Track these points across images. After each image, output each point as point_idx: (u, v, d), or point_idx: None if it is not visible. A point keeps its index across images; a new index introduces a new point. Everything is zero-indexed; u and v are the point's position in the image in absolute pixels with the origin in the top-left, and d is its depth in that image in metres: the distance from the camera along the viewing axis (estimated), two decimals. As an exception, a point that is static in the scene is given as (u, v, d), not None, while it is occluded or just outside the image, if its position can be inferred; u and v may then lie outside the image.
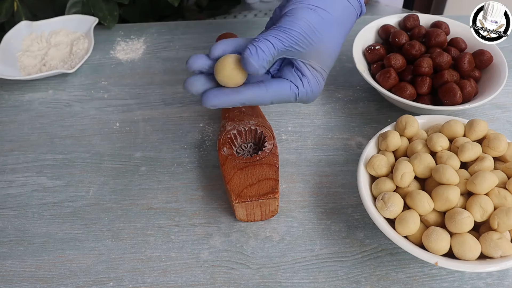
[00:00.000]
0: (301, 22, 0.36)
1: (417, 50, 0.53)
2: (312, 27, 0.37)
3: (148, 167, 0.51)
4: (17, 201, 0.48)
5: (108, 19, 0.68)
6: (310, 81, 0.39)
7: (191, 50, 0.66)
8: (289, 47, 0.36)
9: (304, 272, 0.42)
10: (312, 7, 0.37)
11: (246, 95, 0.37)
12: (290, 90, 0.39)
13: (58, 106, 0.59)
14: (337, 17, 0.38)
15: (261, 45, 0.35)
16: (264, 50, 0.35)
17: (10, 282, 0.42)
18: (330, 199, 0.47)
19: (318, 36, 0.37)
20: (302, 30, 0.36)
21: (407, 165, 0.40)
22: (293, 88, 0.39)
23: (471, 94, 0.51)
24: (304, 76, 0.39)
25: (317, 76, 0.39)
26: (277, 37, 0.36)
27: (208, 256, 0.43)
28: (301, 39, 0.36)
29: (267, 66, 0.36)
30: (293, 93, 0.39)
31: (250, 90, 0.37)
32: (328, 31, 0.38)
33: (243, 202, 0.41)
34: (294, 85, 0.39)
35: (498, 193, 0.38)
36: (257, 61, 0.35)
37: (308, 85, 0.39)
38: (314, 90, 0.40)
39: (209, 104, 0.36)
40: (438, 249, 0.36)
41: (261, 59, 0.35)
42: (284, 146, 0.52)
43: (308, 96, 0.40)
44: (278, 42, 0.36)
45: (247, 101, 0.37)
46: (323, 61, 0.39)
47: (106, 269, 0.42)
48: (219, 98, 0.36)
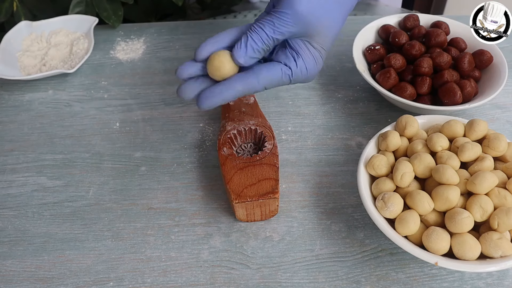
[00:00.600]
0: (298, 3, 0.36)
1: (417, 50, 0.53)
2: (310, 7, 0.36)
3: (148, 167, 0.51)
4: (17, 201, 0.48)
5: (112, 18, 0.68)
6: (305, 60, 0.38)
7: (191, 50, 0.66)
8: (286, 32, 0.36)
9: (304, 272, 0.42)
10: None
11: (237, 88, 0.37)
12: (282, 72, 0.38)
13: (58, 106, 0.59)
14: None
15: (254, 36, 0.36)
16: (257, 40, 0.35)
17: (10, 282, 0.42)
18: (330, 199, 0.47)
19: (317, 15, 0.37)
20: (298, 12, 0.36)
21: (407, 165, 0.40)
22: (285, 70, 0.38)
23: (471, 94, 0.51)
24: (298, 55, 0.38)
25: (315, 54, 0.39)
26: (270, 24, 0.36)
27: (208, 256, 0.43)
28: (298, 21, 0.36)
29: (260, 55, 0.36)
30: (286, 75, 0.38)
31: (240, 83, 0.37)
32: (327, 9, 0.37)
33: (243, 202, 0.41)
34: (286, 66, 0.38)
35: (498, 193, 0.38)
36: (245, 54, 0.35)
37: (303, 64, 0.38)
38: (310, 69, 0.39)
39: (203, 106, 0.37)
40: (438, 249, 0.36)
41: (249, 51, 0.35)
42: (284, 146, 0.52)
43: (304, 76, 0.39)
44: (272, 29, 0.36)
45: (241, 94, 0.37)
46: (322, 39, 0.38)
47: (106, 269, 0.42)
48: (212, 99, 0.37)
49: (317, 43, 0.38)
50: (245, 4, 0.95)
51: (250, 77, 0.37)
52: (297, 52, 0.38)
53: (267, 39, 0.36)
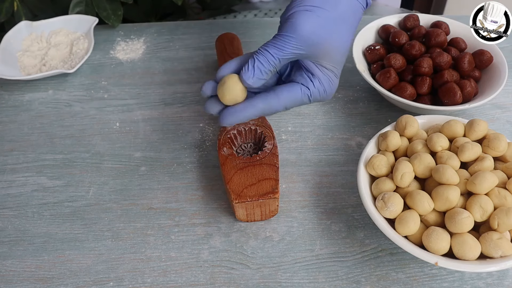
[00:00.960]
0: (300, 26, 0.36)
1: (417, 50, 0.53)
2: (312, 28, 0.36)
3: (148, 167, 0.51)
4: (17, 201, 0.48)
5: (112, 18, 0.68)
6: (321, 80, 0.39)
7: (191, 50, 0.66)
8: (290, 53, 0.37)
9: (304, 272, 0.42)
10: (310, 8, 0.37)
11: (258, 107, 0.38)
12: (302, 93, 0.39)
13: (58, 106, 0.59)
14: (340, 13, 0.38)
15: (261, 58, 0.36)
16: (263, 62, 0.36)
17: (10, 282, 0.42)
18: (330, 199, 0.47)
19: (322, 35, 0.37)
20: (301, 34, 0.36)
21: (407, 165, 0.40)
22: (304, 90, 0.39)
23: (471, 94, 0.51)
24: (314, 76, 0.39)
25: (329, 74, 0.40)
26: (276, 46, 0.36)
27: (208, 256, 0.43)
28: (302, 43, 0.36)
29: (267, 77, 0.37)
30: (305, 95, 0.39)
31: (261, 101, 0.38)
32: (332, 29, 0.37)
33: (243, 202, 0.41)
34: (304, 87, 0.39)
35: (498, 193, 0.38)
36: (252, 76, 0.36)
37: (320, 84, 0.39)
38: (327, 88, 0.40)
39: (226, 123, 0.38)
40: (438, 249, 0.36)
41: (257, 73, 0.36)
42: (284, 146, 0.52)
43: (322, 95, 0.40)
44: (277, 51, 0.36)
45: (262, 112, 0.39)
46: (332, 59, 0.39)
47: (106, 269, 0.42)
48: (233, 117, 0.38)
49: (328, 63, 0.39)
50: (245, 4, 0.95)
51: (271, 97, 0.38)
52: (312, 73, 0.39)
53: (273, 60, 0.37)
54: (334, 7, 0.38)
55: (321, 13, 0.37)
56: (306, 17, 0.37)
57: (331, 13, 0.37)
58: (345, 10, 0.38)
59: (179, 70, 0.63)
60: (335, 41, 0.38)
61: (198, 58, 0.65)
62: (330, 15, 0.37)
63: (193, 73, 0.63)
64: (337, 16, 0.38)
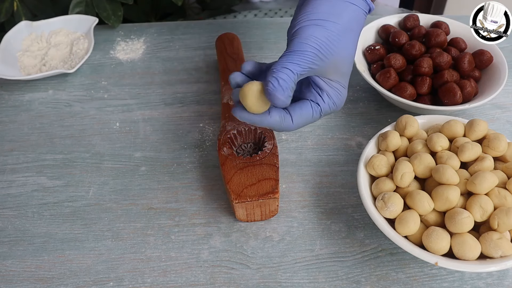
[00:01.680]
0: (310, 41, 0.36)
1: (417, 50, 0.53)
2: (322, 42, 0.36)
3: (148, 167, 0.51)
4: (17, 201, 0.48)
5: (112, 19, 0.68)
6: (330, 94, 0.39)
7: (191, 50, 0.66)
8: (307, 68, 0.36)
9: (304, 272, 0.42)
10: (318, 21, 0.36)
11: (274, 119, 0.37)
12: (313, 110, 0.39)
13: (58, 106, 0.59)
14: (345, 23, 0.37)
15: (282, 75, 0.35)
16: (286, 79, 0.35)
17: (10, 282, 0.42)
18: (330, 199, 0.47)
19: (331, 48, 0.36)
20: (313, 49, 0.36)
21: (407, 165, 0.40)
22: (315, 107, 0.39)
23: (471, 94, 0.51)
24: (322, 91, 0.39)
25: (336, 87, 0.39)
26: (293, 62, 0.35)
27: (208, 256, 0.43)
28: (315, 58, 0.36)
29: (292, 93, 0.36)
30: (316, 112, 0.39)
31: (277, 115, 0.37)
32: (339, 41, 0.37)
33: (243, 202, 0.41)
34: (315, 103, 0.39)
35: (498, 193, 0.38)
36: (282, 94, 0.35)
37: (329, 98, 0.39)
38: (336, 101, 0.40)
39: (240, 116, 0.37)
40: (438, 249, 0.36)
41: (285, 90, 0.35)
42: (284, 146, 0.52)
43: (332, 108, 0.40)
44: (295, 66, 0.35)
45: (273, 126, 0.38)
46: (340, 70, 0.39)
47: (106, 269, 0.42)
48: (250, 116, 0.37)
49: (334, 76, 0.39)
50: (245, 4, 0.95)
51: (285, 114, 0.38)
52: (320, 88, 0.39)
53: (293, 76, 0.35)
54: (339, 18, 0.37)
55: (329, 26, 0.36)
56: (316, 31, 0.36)
57: (337, 25, 0.37)
58: (349, 20, 0.38)
59: (179, 70, 0.63)
60: (343, 51, 0.38)
61: (198, 58, 0.65)
62: (337, 26, 0.37)
63: (193, 73, 0.63)
64: (343, 27, 0.37)
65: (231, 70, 0.55)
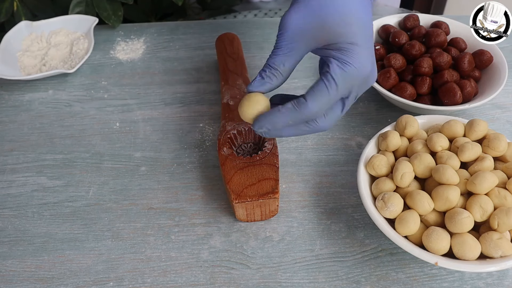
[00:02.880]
0: (285, 19, 0.36)
1: (417, 50, 0.53)
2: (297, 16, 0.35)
3: (148, 167, 0.51)
4: (17, 201, 0.48)
5: (112, 19, 0.68)
6: (335, 56, 0.36)
7: (191, 50, 0.66)
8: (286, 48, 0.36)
9: (304, 272, 0.42)
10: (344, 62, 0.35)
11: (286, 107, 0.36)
12: (324, 81, 0.35)
13: (58, 106, 0.59)
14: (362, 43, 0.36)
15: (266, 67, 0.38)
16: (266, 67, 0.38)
17: (10, 282, 0.42)
18: (330, 199, 0.47)
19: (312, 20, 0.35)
20: (286, 27, 0.36)
21: (407, 165, 0.40)
22: (324, 77, 0.36)
23: (471, 94, 0.51)
24: (327, 57, 0.36)
25: (343, 47, 0.36)
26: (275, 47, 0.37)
27: (208, 256, 0.43)
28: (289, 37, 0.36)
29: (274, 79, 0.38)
30: (329, 81, 0.35)
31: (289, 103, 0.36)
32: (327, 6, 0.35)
33: (243, 202, 0.41)
34: (324, 73, 0.36)
35: (498, 193, 0.38)
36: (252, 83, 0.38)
37: (336, 60, 0.36)
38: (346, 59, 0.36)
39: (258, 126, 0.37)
40: (438, 249, 0.36)
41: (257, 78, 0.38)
42: (284, 146, 0.52)
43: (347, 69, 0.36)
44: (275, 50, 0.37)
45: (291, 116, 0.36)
46: (336, 30, 0.35)
47: (106, 269, 0.42)
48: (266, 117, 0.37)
49: (334, 36, 0.36)
50: (245, 4, 0.95)
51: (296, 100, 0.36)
52: (325, 56, 0.37)
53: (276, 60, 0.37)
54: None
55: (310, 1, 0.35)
56: (292, 9, 0.36)
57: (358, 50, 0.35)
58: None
59: (179, 70, 0.63)
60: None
61: (198, 58, 0.65)
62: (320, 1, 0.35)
63: (193, 73, 0.63)
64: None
65: (231, 70, 0.55)
